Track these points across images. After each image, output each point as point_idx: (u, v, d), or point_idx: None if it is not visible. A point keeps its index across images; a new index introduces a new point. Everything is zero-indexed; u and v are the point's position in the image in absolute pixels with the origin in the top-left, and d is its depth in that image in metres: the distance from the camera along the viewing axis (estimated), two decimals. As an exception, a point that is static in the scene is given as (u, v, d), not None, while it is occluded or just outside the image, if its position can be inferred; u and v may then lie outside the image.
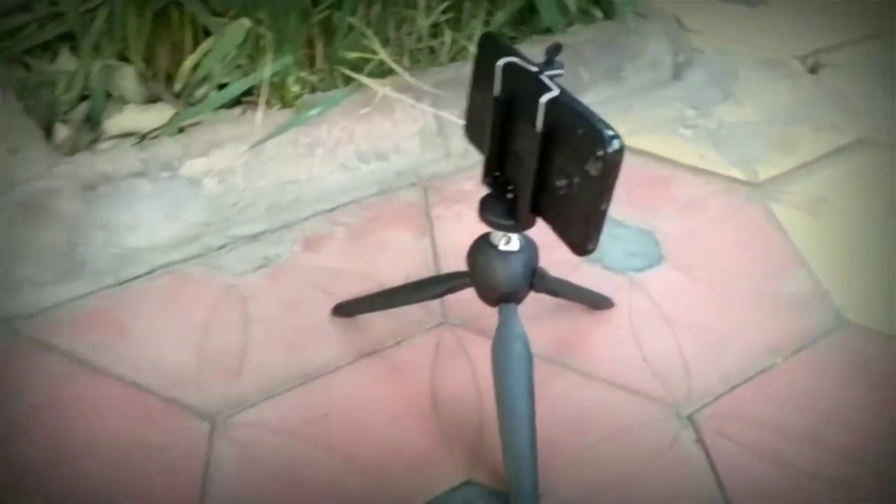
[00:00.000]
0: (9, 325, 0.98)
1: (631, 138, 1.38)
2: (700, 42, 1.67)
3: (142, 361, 0.95)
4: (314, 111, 1.18)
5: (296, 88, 1.17)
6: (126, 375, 0.94)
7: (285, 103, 1.20)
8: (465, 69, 1.29)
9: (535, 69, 0.77)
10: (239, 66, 1.18)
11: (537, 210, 0.80)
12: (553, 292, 0.95)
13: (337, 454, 0.88)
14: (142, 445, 0.87)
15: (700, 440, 0.93)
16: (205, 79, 1.18)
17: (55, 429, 0.88)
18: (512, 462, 0.84)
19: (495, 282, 0.87)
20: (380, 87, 1.22)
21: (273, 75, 1.16)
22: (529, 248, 0.88)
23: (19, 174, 1.04)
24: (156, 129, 1.14)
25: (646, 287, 1.12)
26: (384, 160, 1.23)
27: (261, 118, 1.14)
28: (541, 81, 0.76)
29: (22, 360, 0.94)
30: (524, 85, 0.77)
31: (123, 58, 1.24)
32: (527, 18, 1.45)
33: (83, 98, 1.21)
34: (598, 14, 1.52)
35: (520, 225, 0.82)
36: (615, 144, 0.71)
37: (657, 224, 1.22)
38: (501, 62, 0.79)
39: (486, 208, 0.84)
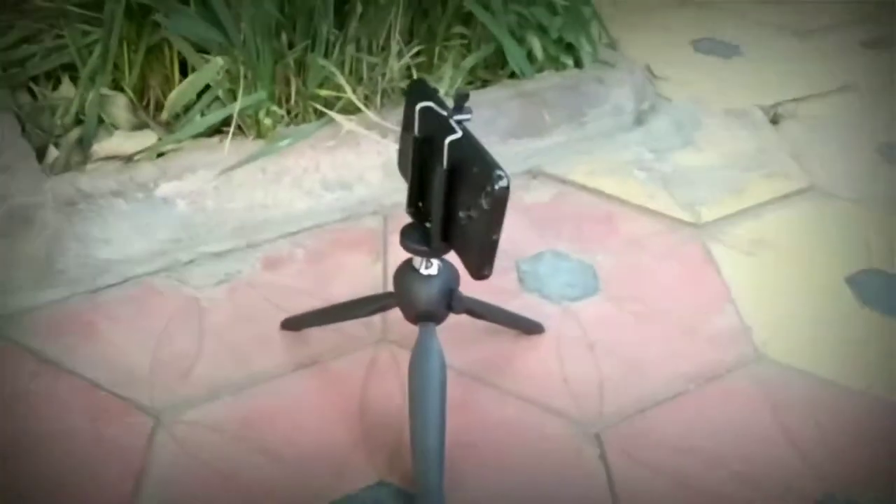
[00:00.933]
0: (-12, 323, 1.09)
1: (586, 178, 1.48)
2: (669, 90, 1.76)
3: (103, 362, 1.06)
4: (284, 142, 1.29)
5: (267, 121, 1.29)
6: (87, 375, 1.04)
7: (259, 134, 1.31)
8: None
9: (445, 113, 0.87)
10: (217, 99, 1.29)
11: (447, 238, 0.90)
12: (473, 313, 1.04)
13: (267, 454, 0.97)
14: (90, 438, 0.97)
15: (603, 456, 1.00)
16: (187, 109, 1.29)
17: (13, 422, 0.98)
18: (419, 462, 0.92)
19: (415, 301, 0.96)
20: (347, 123, 1.33)
21: (247, 108, 1.27)
22: (447, 272, 0.97)
23: (7, 189, 1.16)
24: (138, 153, 1.26)
25: (577, 315, 1.20)
26: (347, 189, 1.33)
27: (230, 147, 1.25)
28: (450, 125, 0.86)
29: (-6, 356, 1.05)
30: (437, 127, 0.87)
31: (119, 87, 1.36)
32: (499, 62, 1.56)
33: (79, 123, 1.33)
34: (569, 62, 1.62)
35: (433, 251, 0.92)
36: (502, 182, 0.80)
37: (599, 258, 1.31)
38: (419, 106, 0.89)
39: (406, 235, 0.93)
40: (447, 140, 0.84)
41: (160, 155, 1.26)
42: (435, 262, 0.96)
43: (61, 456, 0.95)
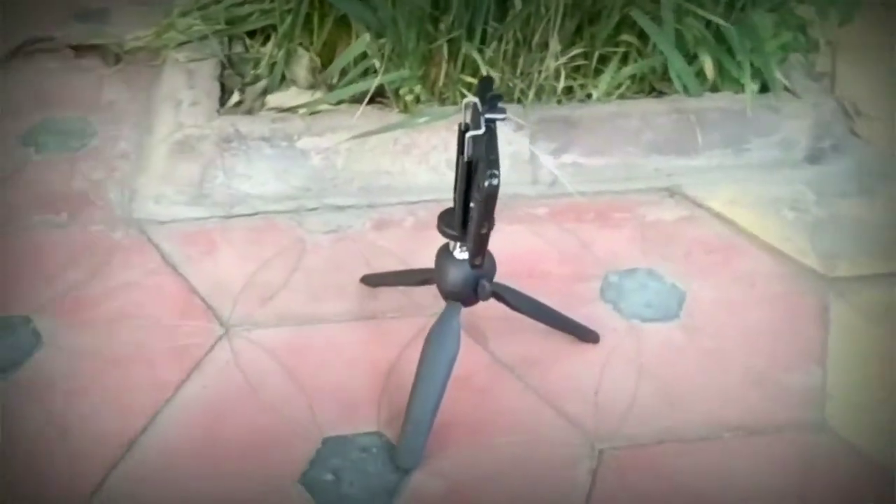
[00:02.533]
0: (140, 224, 1.33)
1: (725, 206, 1.42)
2: (868, 132, 1.61)
3: (208, 274, 1.25)
4: (422, 119, 1.40)
5: (409, 97, 1.40)
6: (191, 280, 1.24)
7: (404, 109, 1.43)
8: (577, 112, 1.44)
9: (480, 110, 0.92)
10: (373, 71, 1.43)
11: (465, 225, 0.95)
12: (504, 301, 1.08)
13: (294, 381, 1.10)
14: (166, 328, 1.16)
15: (594, 472, 1.01)
16: (344, 76, 1.45)
17: (112, 302, 1.20)
18: (408, 423, 0.99)
19: (443, 280, 1.03)
20: (486, 111, 1.40)
21: (392, 83, 1.40)
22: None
23: (185, 120, 1.39)
24: (298, 107, 1.44)
25: (641, 336, 1.18)
26: (472, 172, 1.41)
27: (373, 116, 1.39)
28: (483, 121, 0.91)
29: (133, 250, 1.28)
30: (475, 122, 0.93)
31: (307, 50, 1.56)
32: (664, 75, 1.53)
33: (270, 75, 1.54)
34: (753, 85, 1.55)
35: (459, 236, 0.98)
36: (492, 181, 0.84)
37: (695, 287, 1.27)
38: (466, 100, 0.95)
39: (442, 219, 1.00)
40: (468, 134, 0.89)
41: (315, 113, 1.43)
42: (469, 246, 1.01)
43: (132, 337, 1.14)
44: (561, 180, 1.42)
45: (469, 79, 1.43)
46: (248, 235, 1.33)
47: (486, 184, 0.84)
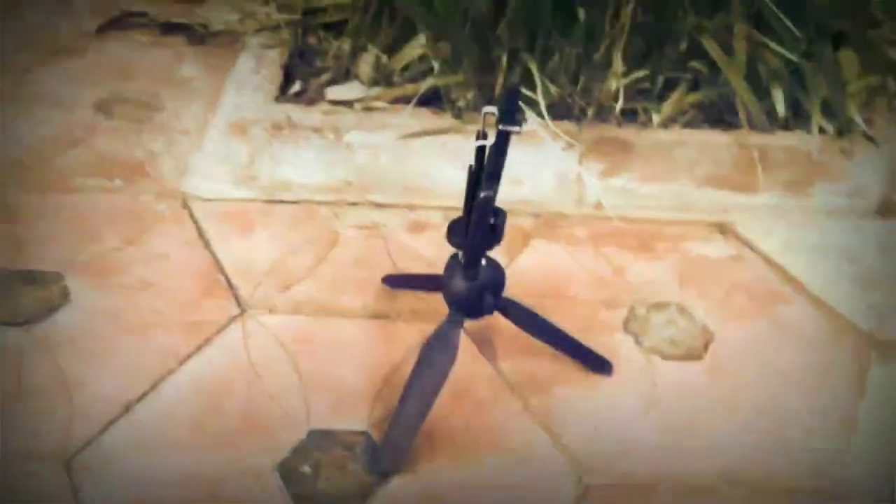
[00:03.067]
0: (185, 198, 1.37)
1: (777, 250, 1.35)
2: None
3: (237, 253, 1.28)
4: (472, 126, 1.39)
5: (461, 103, 1.39)
6: (219, 256, 1.26)
7: (458, 114, 1.43)
8: (634, 135, 1.40)
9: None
10: (430, 73, 1.43)
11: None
12: (509, 317, 1.06)
13: (295, 370, 1.11)
14: (186, 299, 1.19)
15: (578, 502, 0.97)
16: (402, 75, 1.46)
17: (147, 269, 1.24)
18: (394, 427, 0.99)
19: (447, 289, 1.02)
20: (538, 125, 1.39)
21: (447, 87, 1.40)
22: (488, 271, 1.00)
23: (245, 104, 1.43)
24: (354, 101, 1.45)
25: (659, 373, 1.14)
26: (516, 185, 1.39)
27: (424, 118, 1.39)
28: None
29: (172, 222, 1.32)
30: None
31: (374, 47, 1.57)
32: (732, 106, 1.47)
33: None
34: (828, 127, 1.47)
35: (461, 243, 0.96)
36: (481, 196, 0.83)
37: (727, 330, 1.21)
38: (485, 108, 0.93)
39: (451, 229, 0.99)
40: (476, 143, 0.88)
41: (369, 109, 1.44)
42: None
43: (152, 305, 1.18)
44: (603, 203, 1.38)
45: (527, 92, 1.41)
46: (285, 221, 1.35)
47: (482, 195, 0.82)
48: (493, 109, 0.90)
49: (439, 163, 1.40)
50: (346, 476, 0.99)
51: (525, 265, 1.29)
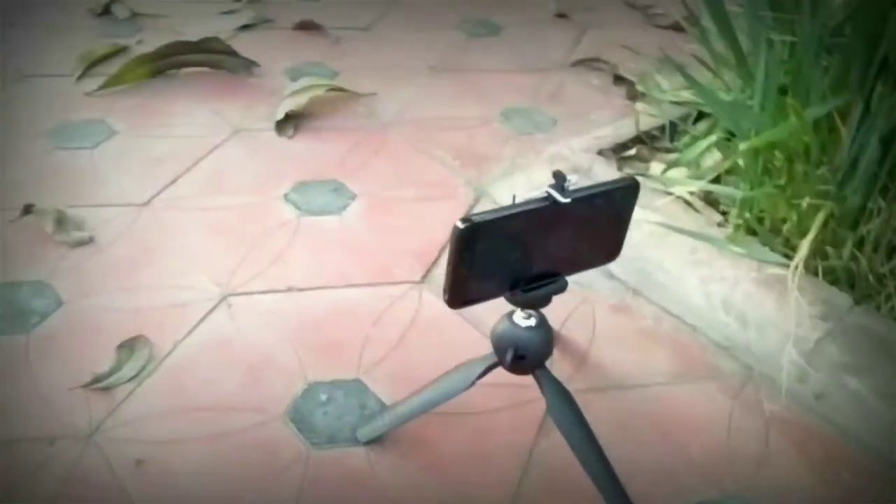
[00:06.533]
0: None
1: None
2: None
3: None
4: (737, 248, 1.24)
5: (739, 221, 1.26)
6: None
7: (734, 229, 1.30)
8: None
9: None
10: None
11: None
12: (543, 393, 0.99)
13: (285, 342, 1.19)
14: (175, 286, 1.28)
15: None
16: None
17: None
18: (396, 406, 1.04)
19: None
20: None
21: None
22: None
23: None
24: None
25: None
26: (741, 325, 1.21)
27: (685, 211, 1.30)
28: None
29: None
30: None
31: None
32: None
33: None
34: None
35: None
36: (457, 226, 0.81)
37: None
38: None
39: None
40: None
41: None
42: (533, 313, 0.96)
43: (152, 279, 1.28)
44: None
45: (829, 248, 1.20)
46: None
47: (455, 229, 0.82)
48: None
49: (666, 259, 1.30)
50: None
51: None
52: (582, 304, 1.28)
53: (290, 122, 1.67)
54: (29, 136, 1.61)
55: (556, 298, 0.92)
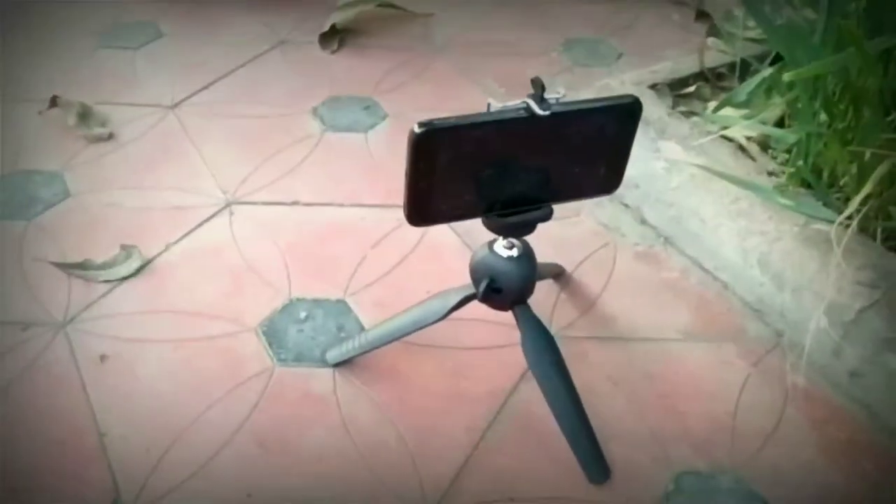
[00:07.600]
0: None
1: None
2: None
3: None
4: (783, 200, 1.10)
5: (791, 169, 1.11)
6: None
7: (787, 179, 1.15)
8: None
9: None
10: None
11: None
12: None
13: (276, 246, 1.13)
14: (181, 189, 1.25)
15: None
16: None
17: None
18: (363, 336, 0.96)
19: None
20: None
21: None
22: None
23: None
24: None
25: None
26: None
27: (732, 155, 1.15)
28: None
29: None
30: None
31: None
32: None
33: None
34: None
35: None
36: (413, 130, 0.73)
37: None
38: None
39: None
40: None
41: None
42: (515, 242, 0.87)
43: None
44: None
45: (893, 208, 1.04)
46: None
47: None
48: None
49: (706, 206, 1.16)
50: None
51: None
52: (603, 247, 1.17)
53: (336, 37, 1.60)
54: (78, 34, 1.60)
55: (575, 238, 0.82)
